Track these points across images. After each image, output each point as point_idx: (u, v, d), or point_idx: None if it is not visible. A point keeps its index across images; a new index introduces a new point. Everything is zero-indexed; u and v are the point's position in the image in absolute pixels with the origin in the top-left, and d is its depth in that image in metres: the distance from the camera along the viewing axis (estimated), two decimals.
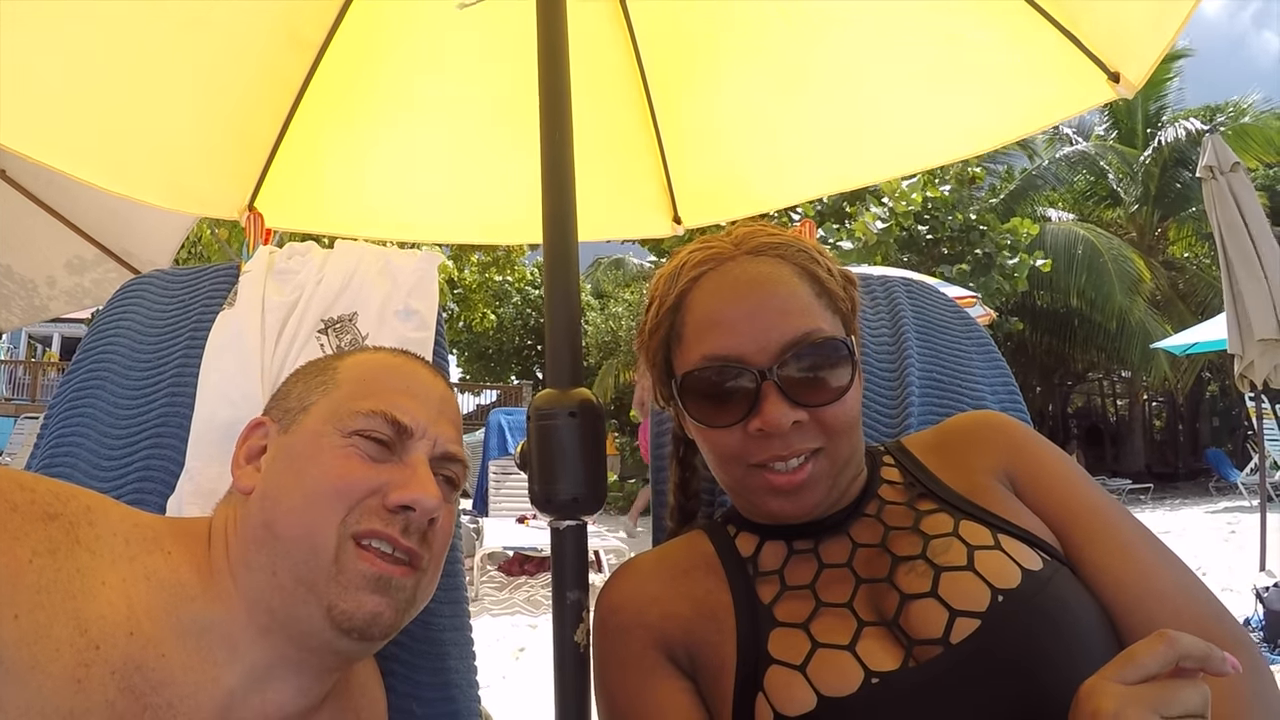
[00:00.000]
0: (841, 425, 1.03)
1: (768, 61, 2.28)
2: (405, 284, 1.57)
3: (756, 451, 1.03)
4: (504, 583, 8.18)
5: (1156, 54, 1.73)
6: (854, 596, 1.01)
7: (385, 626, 0.92)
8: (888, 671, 0.91)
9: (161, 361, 1.53)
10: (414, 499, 0.94)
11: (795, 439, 1.01)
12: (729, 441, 1.05)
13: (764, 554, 1.11)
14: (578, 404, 1.32)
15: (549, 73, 1.48)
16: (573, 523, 1.33)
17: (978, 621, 0.91)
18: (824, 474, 1.04)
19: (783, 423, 0.99)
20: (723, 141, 2.51)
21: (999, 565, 0.96)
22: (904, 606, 0.97)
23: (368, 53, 2.20)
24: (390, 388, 1.03)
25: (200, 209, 2.25)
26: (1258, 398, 7.72)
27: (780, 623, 1.01)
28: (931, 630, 0.93)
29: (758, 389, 1.01)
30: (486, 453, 10.65)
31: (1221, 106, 21.45)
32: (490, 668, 5.18)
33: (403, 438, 0.99)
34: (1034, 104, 2.04)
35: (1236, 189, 6.32)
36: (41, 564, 0.80)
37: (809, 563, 1.07)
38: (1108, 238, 19.24)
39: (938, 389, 1.68)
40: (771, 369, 1.01)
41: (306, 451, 0.96)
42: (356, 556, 0.90)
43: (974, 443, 1.14)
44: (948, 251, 14.25)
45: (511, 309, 26.66)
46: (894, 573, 1.01)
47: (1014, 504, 1.07)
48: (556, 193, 1.43)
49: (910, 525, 1.06)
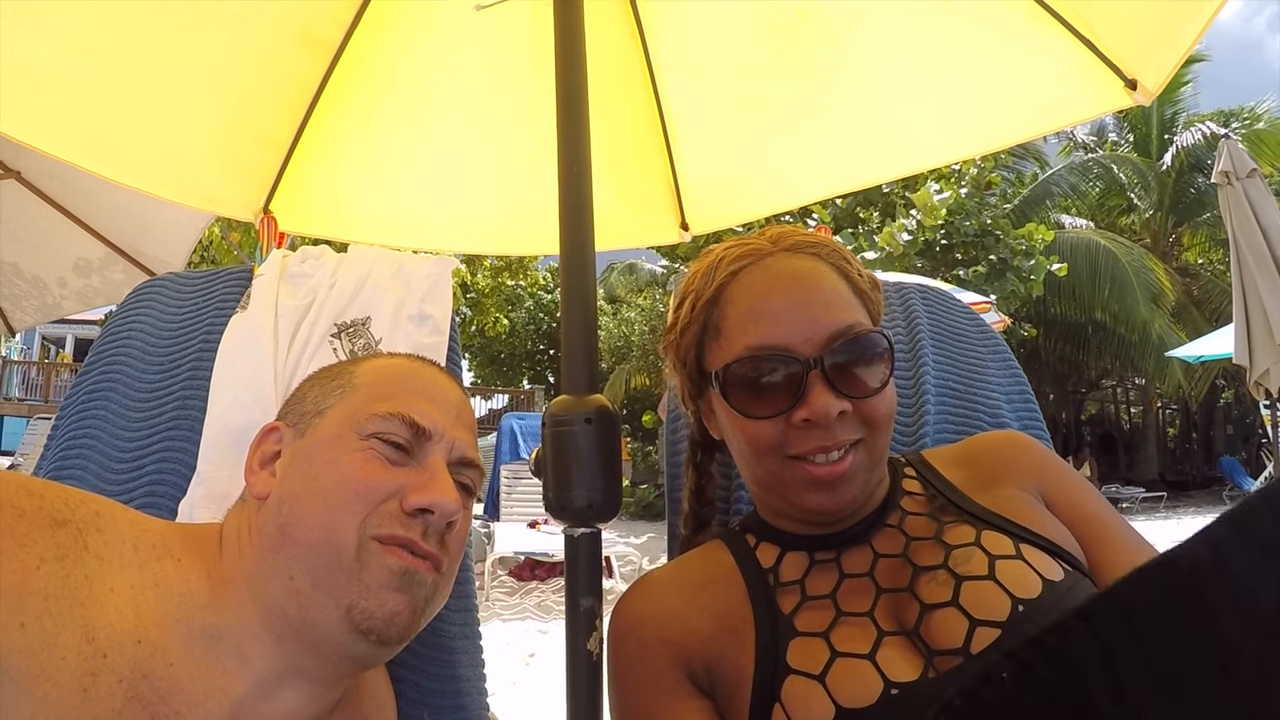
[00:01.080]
0: (882, 418, 1.03)
1: (778, 63, 2.27)
2: (419, 289, 1.57)
3: (798, 443, 1.02)
4: (515, 588, 8.18)
5: (1174, 62, 1.73)
6: (875, 606, 1.00)
7: (402, 628, 0.91)
8: (907, 682, 0.91)
9: (174, 364, 1.52)
10: (433, 502, 0.93)
11: (839, 430, 1.01)
12: (769, 433, 1.03)
13: (785, 565, 1.10)
14: (594, 410, 1.31)
15: (566, 75, 1.48)
16: (587, 530, 1.32)
17: (998, 631, 0.91)
18: (862, 467, 1.03)
19: (830, 412, 0.99)
20: (730, 145, 2.50)
21: (1020, 575, 0.95)
22: (925, 616, 0.96)
23: (384, 56, 2.20)
24: (408, 391, 1.02)
25: (215, 207, 2.26)
26: (1273, 405, 7.66)
27: (800, 632, 1.00)
28: (952, 640, 0.92)
29: (804, 379, 1.01)
30: (498, 457, 10.66)
31: (1236, 111, 21.38)
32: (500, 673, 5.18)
33: (420, 441, 0.98)
34: (1050, 107, 2.04)
35: (1252, 195, 6.28)
36: (49, 571, 0.79)
37: (830, 572, 1.06)
38: (1126, 246, 19.17)
39: (954, 397, 1.67)
40: (820, 359, 1.01)
41: (324, 455, 0.95)
42: (381, 552, 0.90)
43: (1003, 458, 1.15)
44: (961, 257, 14.22)
45: (524, 313, 26.75)
46: (915, 582, 1.00)
47: (1040, 513, 1.07)
48: (573, 198, 1.43)
49: (932, 535, 1.05)
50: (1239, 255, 6.32)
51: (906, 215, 13.28)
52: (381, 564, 0.89)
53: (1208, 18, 1.57)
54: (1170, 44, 1.71)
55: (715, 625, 1.06)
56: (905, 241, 12.92)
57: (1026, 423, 1.70)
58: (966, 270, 13.68)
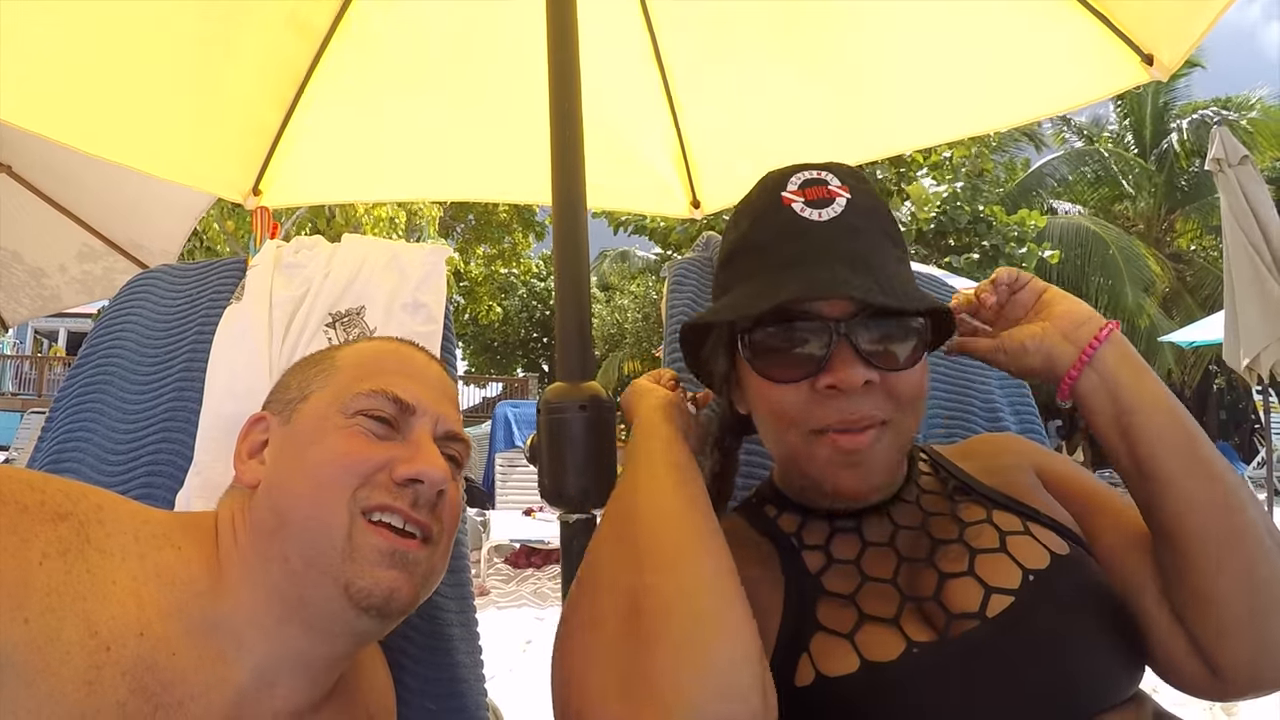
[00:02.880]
0: (910, 396, 1.00)
1: (791, 39, 2.27)
2: (413, 277, 1.57)
3: (822, 414, 0.99)
4: (511, 575, 8.18)
5: (1195, 36, 1.72)
6: (897, 573, 1.02)
7: (404, 601, 0.91)
8: (927, 641, 0.94)
9: (169, 356, 1.53)
10: (421, 471, 0.94)
11: (865, 403, 0.98)
12: (793, 401, 1.00)
13: (807, 531, 1.10)
14: (588, 398, 1.32)
15: (558, 48, 1.47)
16: (582, 516, 1.33)
17: (1011, 598, 0.95)
18: (888, 449, 1.01)
19: (856, 381, 0.95)
20: (745, 120, 2.50)
21: (1029, 548, 1.00)
22: (943, 584, 0.99)
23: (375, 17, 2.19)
24: (390, 369, 1.04)
25: (204, 185, 2.24)
26: (1264, 391, 7.70)
27: (828, 592, 1.02)
28: (969, 605, 0.95)
29: (831, 345, 0.97)
30: (493, 445, 10.64)
31: (1230, 100, 21.36)
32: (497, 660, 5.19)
33: (405, 415, 0.99)
34: (1067, 83, 2.04)
35: (1244, 181, 6.29)
36: (52, 566, 0.79)
37: (853, 540, 1.07)
38: (1118, 232, 19.18)
39: (947, 383, 1.69)
40: (850, 326, 0.97)
41: (310, 436, 0.96)
42: (368, 532, 0.91)
43: (999, 449, 1.20)
44: (954, 243, 14.23)
45: (517, 301, 26.70)
46: (933, 554, 1.03)
47: (1043, 496, 1.11)
48: (566, 185, 1.43)
49: (948, 512, 1.08)
50: (1231, 241, 6.34)
51: (899, 207, 13.25)
52: (370, 544, 0.90)
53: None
54: (1191, 17, 1.71)
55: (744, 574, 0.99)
56: None
57: (1018, 406, 1.72)
58: (959, 257, 13.69)
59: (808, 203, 1.03)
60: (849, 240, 1.01)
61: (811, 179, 1.06)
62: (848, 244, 1.01)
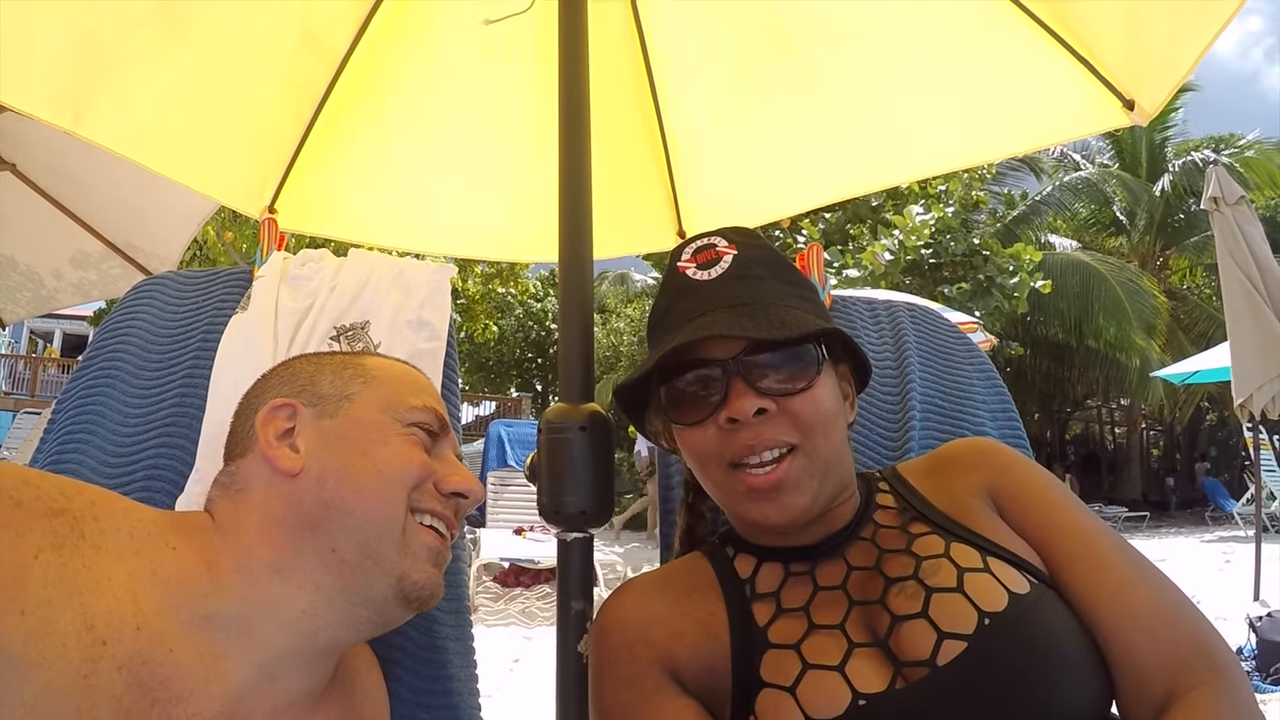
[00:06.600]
0: (811, 418, 1.05)
1: (777, 69, 2.28)
2: (418, 295, 1.58)
3: (731, 447, 1.05)
4: (499, 594, 8.16)
5: (1172, 84, 1.74)
6: (846, 618, 1.02)
7: (439, 599, 1.02)
8: (875, 693, 0.93)
9: (172, 362, 1.54)
10: (468, 488, 1.05)
11: (766, 430, 1.04)
12: (706, 440, 1.07)
13: (761, 576, 1.12)
14: (588, 418, 1.34)
15: (569, 86, 1.51)
16: (580, 535, 1.35)
17: (964, 644, 0.93)
18: (803, 475, 1.04)
19: (747, 410, 1.02)
20: (729, 150, 2.51)
21: (987, 587, 0.98)
22: (895, 628, 0.98)
23: (391, 61, 2.21)
24: (424, 389, 1.12)
25: (222, 196, 2.24)
26: (1255, 428, 7.73)
27: (773, 644, 1.02)
28: (919, 652, 0.95)
29: (726, 382, 1.05)
30: (486, 463, 10.60)
31: (1225, 139, 21.54)
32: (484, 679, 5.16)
33: (442, 434, 1.08)
34: (1048, 122, 2.04)
35: (1240, 221, 6.34)
36: (47, 560, 0.80)
37: (805, 585, 1.08)
38: (1117, 266, 19.28)
39: (939, 414, 1.69)
40: (738, 360, 1.05)
41: (371, 435, 1.01)
42: (420, 531, 1.00)
43: (961, 466, 1.17)
44: (948, 275, 14.26)
45: (514, 321, 26.65)
46: (886, 595, 1.02)
47: (1000, 527, 1.09)
48: (573, 206, 1.45)
49: (903, 547, 1.08)
50: (1226, 279, 6.39)
51: (890, 235, 13.31)
52: (421, 542, 0.99)
53: (1206, 42, 1.59)
54: (1169, 67, 1.73)
55: (699, 631, 1.08)
56: (887, 261, 12.94)
57: (1010, 440, 1.72)
58: (951, 288, 13.72)
59: (698, 266, 1.15)
60: (734, 290, 1.12)
61: (702, 245, 1.18)
62: (732, 293, 1.11)
